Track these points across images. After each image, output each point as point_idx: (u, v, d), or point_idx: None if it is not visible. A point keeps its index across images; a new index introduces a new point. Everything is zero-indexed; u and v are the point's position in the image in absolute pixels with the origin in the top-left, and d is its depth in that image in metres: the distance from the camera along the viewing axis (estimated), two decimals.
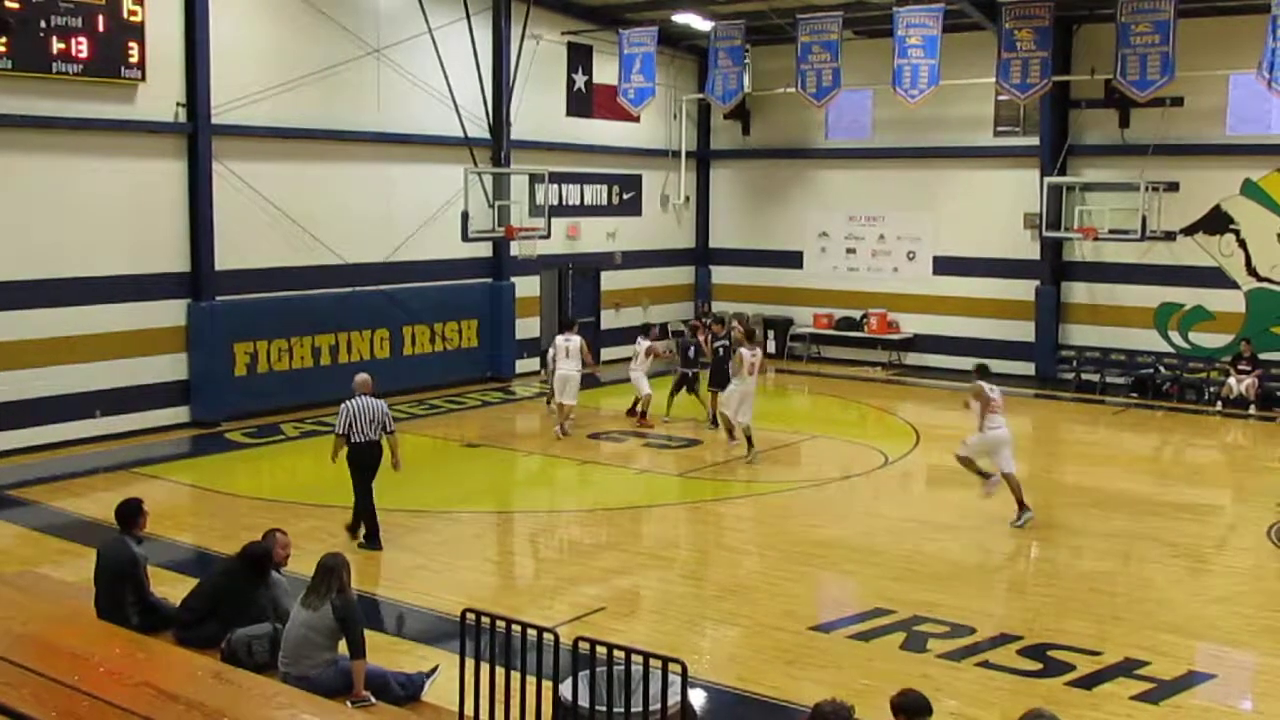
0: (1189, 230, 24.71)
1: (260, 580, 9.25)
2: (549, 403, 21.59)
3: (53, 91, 18.39)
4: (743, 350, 19.05)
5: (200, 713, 7.28)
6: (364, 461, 14.01)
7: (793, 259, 29.98)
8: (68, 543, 14.09)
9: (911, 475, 18.98)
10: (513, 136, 24.95)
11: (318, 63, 21.84)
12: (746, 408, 18.87)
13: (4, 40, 17.50)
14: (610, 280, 28.76)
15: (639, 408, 21.59)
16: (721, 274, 31.29)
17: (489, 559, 14.73)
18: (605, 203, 28.81)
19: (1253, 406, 23.08)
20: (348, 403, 14.03)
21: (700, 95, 28.69)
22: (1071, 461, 19.32)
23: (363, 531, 14.16)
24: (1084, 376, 25.60)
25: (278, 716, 7.60)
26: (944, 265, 27.81)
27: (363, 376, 14.53)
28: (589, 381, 22.16)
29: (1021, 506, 15.29)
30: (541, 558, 14.90)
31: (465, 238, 22.19)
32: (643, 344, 21.87)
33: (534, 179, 24.07)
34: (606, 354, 27.22)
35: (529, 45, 24.91)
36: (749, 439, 18.85)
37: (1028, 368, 26.35)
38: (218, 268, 20.64)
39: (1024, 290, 26.41)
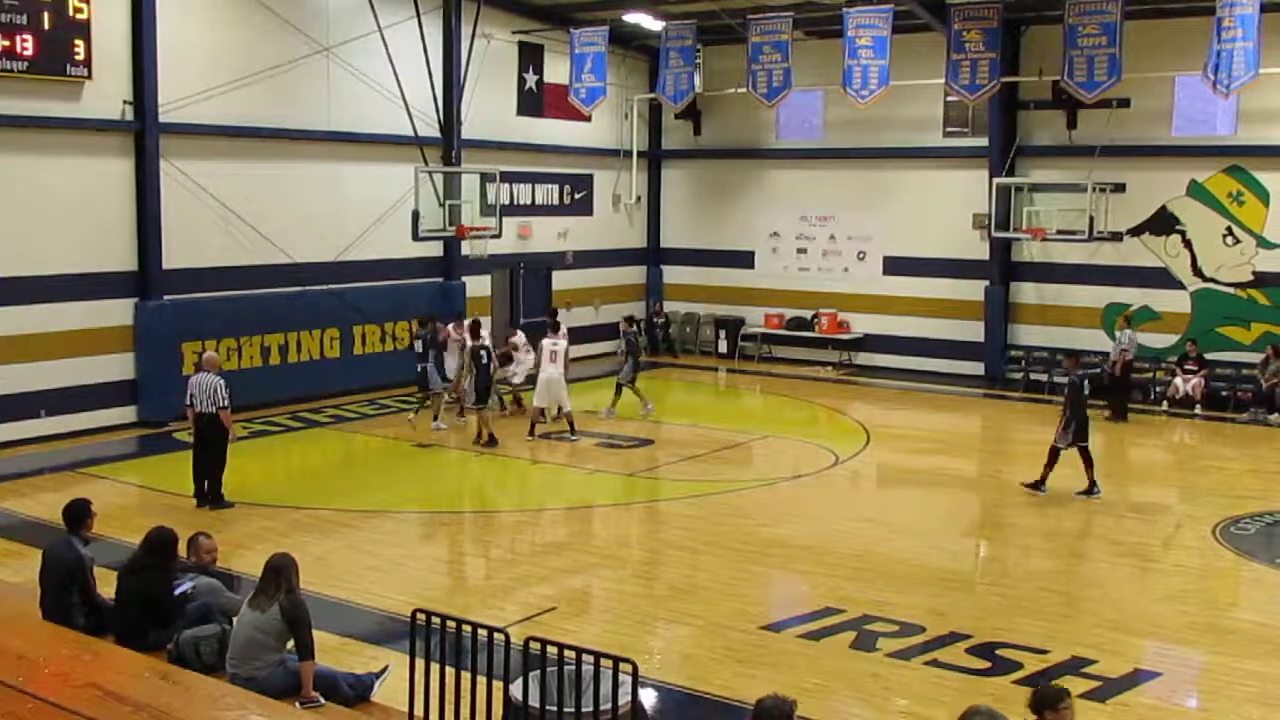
0: (1136, 231, 24.95)
1: (170, 564, 9.20)
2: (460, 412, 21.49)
3: None
4: (544, 340, 20.73)
5: (147, 714, 7.20)
6: (202, 432, 15.57)
7: (744, 259, 30.05)
8: (12, 544, 13.95)
9: (862, 475, 19.06)
10: (463, 135, 24.86)
11: (267, 61, 21.69)
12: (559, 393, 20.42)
13: None
14: (562, 280, 28.71)
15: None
16: (673, 274, 31.30)
17: (439, 559, 14.70)
18: (557, 202, 28.79)
19: (1198, 406, 23.31)
20: (192, 377, 15.96)
21: (651, 95, 28.70)
22: (1020, 461, 19.38)
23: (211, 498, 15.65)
24: (1032, 376, 25.78)
25: (225, 717, 7.54)
26: (894, 265, 27.94)
27: (209, 354, 16.48)
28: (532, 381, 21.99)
29: None
30: (492, 557, 14.85)
31: (416, 237, 22.13)
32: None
33: (485, 178, 24.01)
34: None
35: (479, 44, 24.86)
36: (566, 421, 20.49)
37: (977, 367, 26.54)
38: (166, 267, 20.48)
39: (973, 290, 26.58)
